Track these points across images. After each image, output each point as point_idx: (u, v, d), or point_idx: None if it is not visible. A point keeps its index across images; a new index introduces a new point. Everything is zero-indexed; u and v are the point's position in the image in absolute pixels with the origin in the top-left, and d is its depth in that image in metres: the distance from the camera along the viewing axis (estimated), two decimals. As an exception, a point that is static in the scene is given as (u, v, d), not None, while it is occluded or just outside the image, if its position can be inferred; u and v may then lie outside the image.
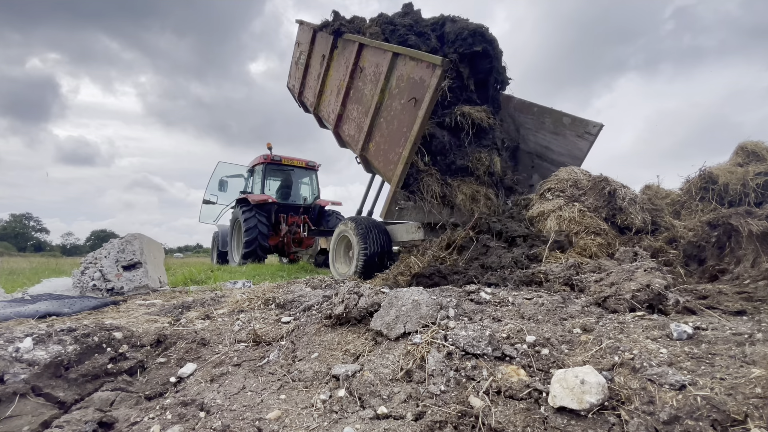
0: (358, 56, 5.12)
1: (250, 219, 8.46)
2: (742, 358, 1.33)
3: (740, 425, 1.05)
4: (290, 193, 10.25)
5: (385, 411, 1.35)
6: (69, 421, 1.43)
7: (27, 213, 59.14)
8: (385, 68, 4.60)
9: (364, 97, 5.09)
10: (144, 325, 2.36)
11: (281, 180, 10.33)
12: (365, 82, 5.08)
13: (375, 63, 4.87)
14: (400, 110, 4.42)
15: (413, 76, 4.28)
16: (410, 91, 4.30)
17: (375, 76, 4.85)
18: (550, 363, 1.47)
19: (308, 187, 10.83)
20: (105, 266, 4.10)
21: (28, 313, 2.72)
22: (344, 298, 2.11)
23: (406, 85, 4.37)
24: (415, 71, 4.25)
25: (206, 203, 10.26)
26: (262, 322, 2.35)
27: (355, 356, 1.74)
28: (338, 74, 5.65)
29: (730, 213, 2.78)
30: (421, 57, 4.15)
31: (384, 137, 4.71)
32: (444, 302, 1.99)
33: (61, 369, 1.71)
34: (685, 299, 1.99)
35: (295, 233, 9.41)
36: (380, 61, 4.76)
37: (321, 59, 6.03)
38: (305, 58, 6.63)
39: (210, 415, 1.44)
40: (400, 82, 4.49)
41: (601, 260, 2.88)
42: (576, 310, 2.02)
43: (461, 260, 3.55)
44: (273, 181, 10.27)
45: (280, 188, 10.26)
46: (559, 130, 5.26)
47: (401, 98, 4.42)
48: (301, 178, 10.74)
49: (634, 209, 3.55)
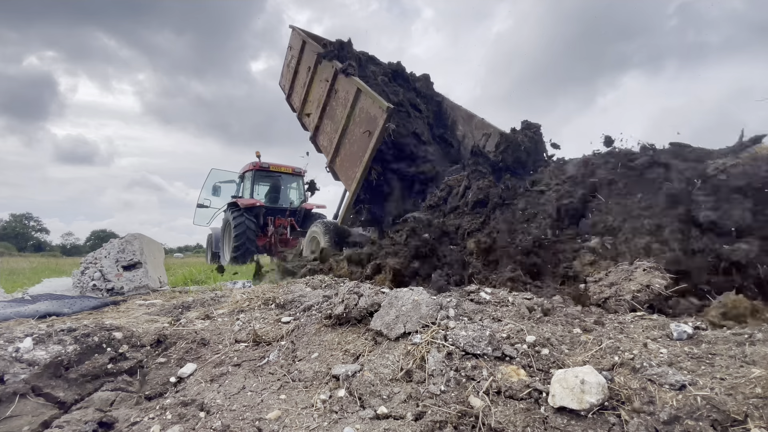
0: (334, 80, 5.78)
1: (239, 222, 9.18)
2: (742, 358, 1.33)
3: (740, 425, 1.05)
4: (278, 197, 11.13)
5: (385, 411, 1.35)
6: (69, 421, 1.43)
7: (27, 213, 59.22)
8: (352, 98, 5.30)
9: (336, 116, 5.78)
10: (144, 325, 2.36)
11: (270, 185, 11.22)
12: (338, 104, 5.77)
13: (346, 90, 5.55)
14: (359, 137, 5.18)
15: (369, 111, 5.02)
16: (366, 123, 5.06)
17: (345, 101, 5.51)
18: (550, 363, 1.47)
19: (296, 192, 11.70)
20: (105, 266, 4.10)
21: (28, 313, 2.72)
22: (344, 298, 2.11)
23: (365, 117, 5.11)
24: (372, 108, 4.96)
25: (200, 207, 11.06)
26: (262, 322, 2.35)
27: (355, 356, 1.74)
28: (319, 88, 6.31)
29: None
30: (375, 98, 4.87)
31: (347, 156, 5.51)
32: (444, 302, 1.99)
33: (61, 369, 1.71)
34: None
35: (282, 234, 10.24)
36: (349, 89, 5.44)
37: (307, 70, 6.64)
38: (295, 64, 7.15)
39: (210, 415, 1.44)
40: (361, 112, 5.22)
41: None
42: (576, 310, 2.02)
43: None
44: (262, 186, 11.14)
45: (268, 193, 11.11)
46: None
47: (360, 127, 5.18)
48: (288, 183, 11.62)
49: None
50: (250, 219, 9.37)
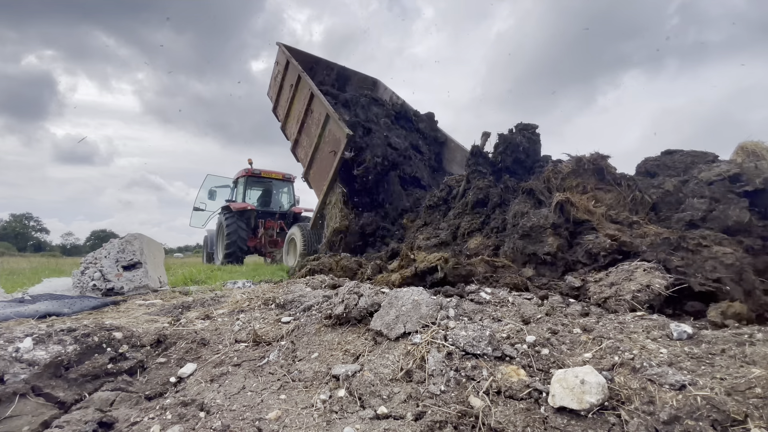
0: (310, 101, 6.39)
1: (231, 224, 9.95)
2: (742, 358, 1.33)
3: (740, 425, 1.05)
4: (269, 201, 12.02)
5: (385, 411, 1.35)
6: (69, 421, 1.43)
7: (27, 213, 59.23)
8: (323, 120, 5.94)
9: (311, 133, 6.45)
10: (144, 325, 2.36)
11: (261, 190, 12.11)
12: (312, 122, 6.41)
13: (319, 111, 6.14)
14: (327, 155, 5.91)
15: (335, 134, 5.67)
16: (332, 144, 5.73)
17: (318, 121, 6.15)
18: (550, 363, 1.47)
19: (286, 196, 12.53)
20: (105, 266, 4.10)
21: (28, 313, 2.72)
22: (344, 298, 2.11)
23: (332, 138, 5.76)
24: (337, 132, 5.58)
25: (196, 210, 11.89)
26: (262, 322, 2.35)
27: (355, 356, 1.74)
28: (299, 105, 6.90)
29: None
30: (339, 125, 5.49)
31: (317, 170, 6.32)
32: (444, 302, 1.99)
33: (61, 369, 1.71)
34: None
35: (271, 236, 11.00)
36: (321, 111, 6.03)
37: (290, 87, 7.23)
38: (280, 79, 7.74)
39: (210, 415, 1.44)
40: (329, 134, 5.87)
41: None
42: (576, 310, 2.02)
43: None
44: (254, 191, 12.02)
45: (260, 197, 12.00)
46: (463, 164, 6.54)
47: (328, 147, 5.88)
48: (279, 188, 12.48)
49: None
50: (241, 222, 10.06)
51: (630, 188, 3.34)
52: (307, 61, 7.78)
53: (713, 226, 2.80)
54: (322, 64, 8.19)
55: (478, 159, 4.81)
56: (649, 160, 3.83)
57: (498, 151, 4.72)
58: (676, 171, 3.54)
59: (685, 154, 3.64)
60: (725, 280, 2.08)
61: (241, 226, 10.01)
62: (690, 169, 3.44)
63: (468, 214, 4.27)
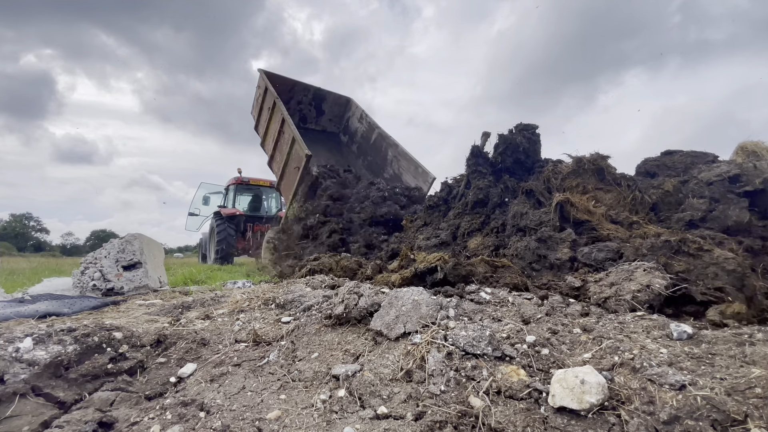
0: (282, 123, 7.44)
1: (221, 229, 10.96)
2: (742, 358, 1.33)
3: (740, 425, 1.05)
4: (259, 207, 13.11)
5: (385, 411, 1.35)
6: (69, 421, 1.43)
7: (27, 213, 59.23)
8: (290, 141, 7.01)
9: (282, 150, 7.54)
10: (144, 325, 2.36)
11: (251, 197, 13.21)
12: (284, 141, 7.50)
13: (288, 133, 7.19)
14: (293, 170, 7.10)
15: (299, 153, 6.72)
16: (296, 161, 6.89)
17: (287, 141, 7.22)
18: (550, 363, 1.47)
19: (274, 201, 13.53)
20: (105, 266, 4.10)
21: (28, 313, 2.72)
22: (344, 298, 2.11)
23: (296, 156, 6.89)
24: (300, 152, 6.63)
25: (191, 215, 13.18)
26: (262, 322, 2.35)
27: (355, 356, 1.74)
28: (274, 126, 7.94)
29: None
30: (301, 146, 6.55)
31: (287, 183, 7.52)
32: (444, 302, 1.99)
33: (61, 369, 1.71)
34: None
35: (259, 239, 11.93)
36: (289, 133, 7.08)
37: (268, 110, 8.24)
38: (261, 102, 8.64)
39: (210, 415, 1.44)
40: (294, 153, 7.00)
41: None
42: (576, 310, 2.02)
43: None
44: (244, 197, 13.12)
45: (249, 203, 13.08)
46: (417, 175, 7.71)
47: (293, 164, 7.09)
48: (267, 195, 13.51)
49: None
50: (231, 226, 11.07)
51: (630, 188, 3.34)
52: (286, 84, 9.11)
53: (713, 226, 2.80)
54: (299, 86, 9.47)
55: (478, 159, 4.80)
56: (649, 160, 3.83)
57: (498, 151, 4.72)
58: (676, 171, 3.54)
59: (684, 155, 3.64)
60: (727, 288, 2.08)
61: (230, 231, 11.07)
62: (690, 170, 3.44)
63: (468, 214, 4.27)
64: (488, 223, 3.99)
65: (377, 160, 8.82)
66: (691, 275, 2.21)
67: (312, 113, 9.85)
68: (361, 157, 9.44)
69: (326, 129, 10.17)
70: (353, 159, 9.56)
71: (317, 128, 10.01)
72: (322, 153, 9.16)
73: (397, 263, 3.50)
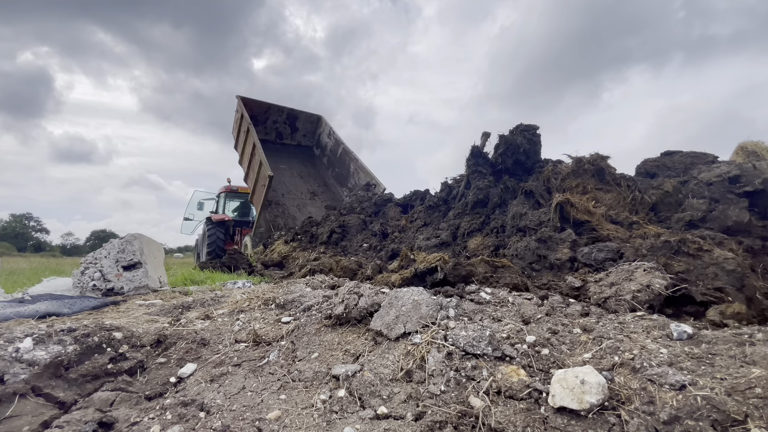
0: (254, 146, 8.84)
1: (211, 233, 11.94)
2: (742, 358, 1.33)
3: (740, 425, 1.05)
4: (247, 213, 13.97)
5: (385, 411, 1.35)
6: (69, 421, 1.43)
7: (27, 213, 59.23)
8: (259, 162, 8.40)
9: (254, 169, 8.96)
10: (144, 325, 2.36)
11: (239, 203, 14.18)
12: (255, 161, 8.89)
13: (257, 156, 8.60)
14: (260, 187, 8.43)
15: (264, 173, 8.07)
16: (263, 180, 8.23)
17: (257, 161, 8.59)
18: (550, 363, 1.47)
19: None
20: (105, 266, 4.09)
21: (28, 313, 2.72)
22: (344, 299, 2.11)
23: (263, 175, 8.24)
24: (265, 172, 7.99)
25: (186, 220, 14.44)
26: (262, 322, 2.35)
27: (355, 356, 1.74)
28: (249, 148, 9.37)
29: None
30: (266, 167, 7.95)
31: (256, 197, 8.89)
32: (444, 302, 1.99)
33: (61, 369, 1.71)
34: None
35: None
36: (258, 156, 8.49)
37: (244, 132, 9.76)
38: (239, 124, 10.11)
39: (210, 415, 1.44)
40: (261, 172, 8.33)
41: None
42: (576, 310, 2.02)
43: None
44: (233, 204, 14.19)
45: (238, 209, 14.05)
46: (369, 188, 9.11)
47: (261, 182, 8.42)
48: None
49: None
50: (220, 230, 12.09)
51: (630, 189, 3.34)
52: (262, 107, 10.94)
53: (713, 226, 2.80)
54: (274, 108, 11.31)
55: (478, 159, 4.81)
56: (649, 161, 3.84)
57: (498, 152, 4.72)
58: (676, 172, 3.55)
59: (684, 155, 3.65)
60: (727, 288, 2.08)
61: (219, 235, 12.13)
62: (689, 170, 3.44)
63: (468, 214, 4.27)
64: (488, 224, 4.00)
65: (342, 172, 10.79)
66: (691, 275, 2.21)
67: (287, 130, 11.86)
68: (330, 169, 11.39)
69: (301, 143, 12.19)
70: (323, 170, 11.56)
71: (293, 143, 12.08)
72: (296, 165, 11.28)
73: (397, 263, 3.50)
